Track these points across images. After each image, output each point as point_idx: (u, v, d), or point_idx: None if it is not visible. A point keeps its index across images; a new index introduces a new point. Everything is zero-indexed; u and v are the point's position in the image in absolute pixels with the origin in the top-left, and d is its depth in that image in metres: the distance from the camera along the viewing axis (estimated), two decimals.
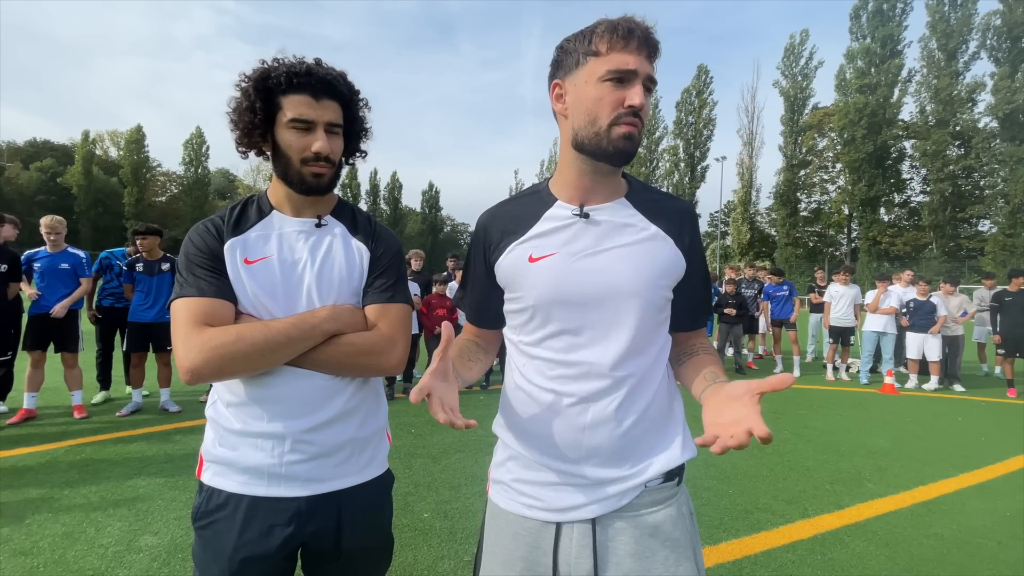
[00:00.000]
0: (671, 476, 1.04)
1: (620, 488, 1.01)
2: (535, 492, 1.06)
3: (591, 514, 1.01)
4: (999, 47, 28.60)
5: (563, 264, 1.03)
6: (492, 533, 1.12)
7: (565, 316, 1.03)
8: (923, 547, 2.94)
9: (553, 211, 1.08)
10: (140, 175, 48.00)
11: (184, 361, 1.03)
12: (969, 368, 8.78)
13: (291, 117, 1.12)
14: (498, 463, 1.16)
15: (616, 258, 1.02)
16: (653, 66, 0.98)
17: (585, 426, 1.01)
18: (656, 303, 1.04)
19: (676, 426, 1.08)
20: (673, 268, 1.05)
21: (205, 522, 1.14)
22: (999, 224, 29.01)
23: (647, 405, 1.03)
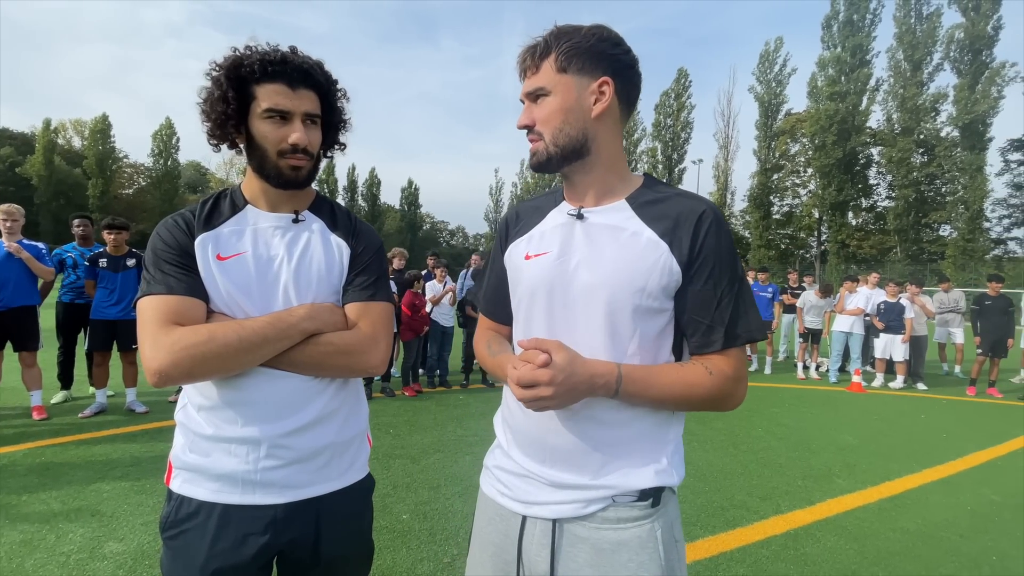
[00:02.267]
0: (645, 496, 0.98)
1: (582, 495, 0.98)
2: (507, 480, 1.08)
3: (551, 514, 1.00)
4: (961, 59, 29.78)
5: (550, 263, 1.04)
6: (477, 514, 1.17)
7: (544, 314, 1.04)
8: (890, 541, 3.03)
9: (556, 211, 1.10)
10: (105, 166, 46.33)
11: (151, 362, 0.98)
12: (930, 368, 9.11)
13: (266, 107, 1.07)
14: (490, 449, 1.19)
15: (598, 261, 1.00)
16: (538, 74, 1.00)
17: (549, 427, 1.00)
18: (633, 310, 0.96)
19: (660, 448, 1.01)
20: (661, 274, 0.96)
21: (174, 532, 1.09)
22: (959, 229, 30.25)
23: (626, 419, 0.98)
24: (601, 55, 0.98)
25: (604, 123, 1.01)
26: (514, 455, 1.07)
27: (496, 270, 1.21)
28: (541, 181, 61.89)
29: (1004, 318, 7.88)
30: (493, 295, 1.22)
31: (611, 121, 1.02)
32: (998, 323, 7.87)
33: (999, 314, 7.91)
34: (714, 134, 45.45)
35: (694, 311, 0.98)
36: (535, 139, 1.02)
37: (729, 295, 0.97)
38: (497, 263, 1.21)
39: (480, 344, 1.22)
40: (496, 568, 1.08)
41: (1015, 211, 33.43)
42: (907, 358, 8.22)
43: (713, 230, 0.97)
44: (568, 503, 0.99)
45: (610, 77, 0.98)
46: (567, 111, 0.99)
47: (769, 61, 39.43)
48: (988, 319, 7.94)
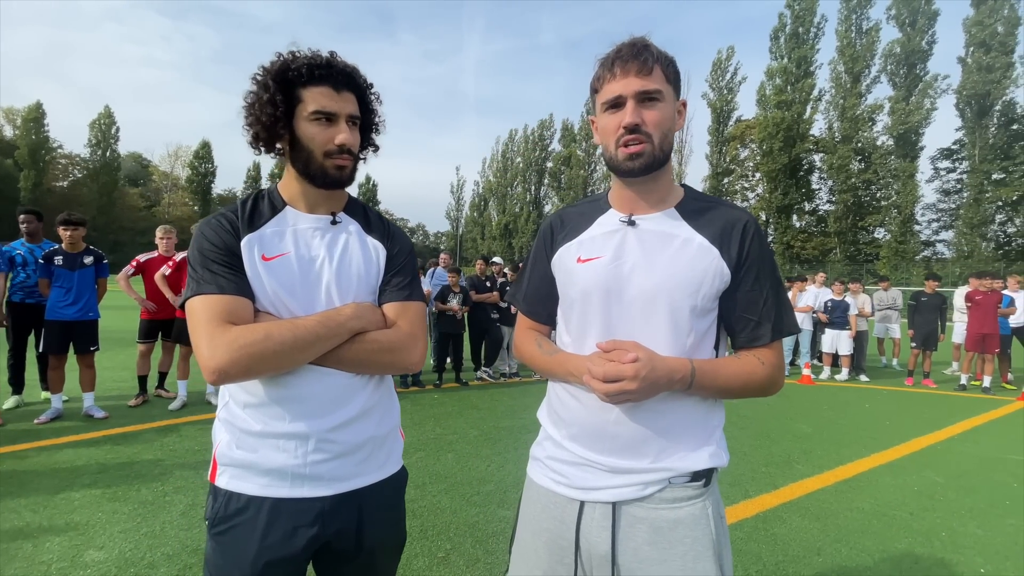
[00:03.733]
0: (698, 476, 1.06)
1: (641, 479, 1.05)
2: (563, 469, 1.14)
3: (611, 497, 1.07)
4: (897, 72, 31.85)
5: (606, 267, 1.11)
6: (526, 504, 1.21)
7: (602, 315, 1.11)
8: (848, 519, 3.30)
9: (605, 218, 1.18)
10: (39, 157, 43.33)
11: (210, 361, 1.00)
12: (870, 361, 9.79)
13: (314, 109, 1.11)
14: (538, 443, 1.25)
15: (656, 264, 1.07)
16: (652, 76, 1.03)
17: (610, 420, 1.07)
18: (691, 310, 1.05)
19: (709, 434, 1.10)
20: (715, 277, 1.06)
21: (224, 527, 1.11)
22: (892, 232, 32.42)
23: (679, 409, 1.06)
24: (679, 77, 1.10)
25: (673, 140, 1.10)
26: (569, 446, 1.13)
27: (540, 273, 1.28)
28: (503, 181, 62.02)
29: (936, 314, 8.58)
30: (535, 296, 1.30)
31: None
32: (930, 318, 8.56)
33: (932, 310, 8.61)
34: None
35: (744, 310, 1.09)
36: (642, 140, 1.04)
37: (773, 295, 1.09)
38: (540, 266, 1.27)
39: (528, 343, 1.28)
40: (551, 554, 1.13)
41: (943, 215, 36.25)
42: (852, 352, 8.82)
43: (757, 237, 1.09)
44: (627, 486, 1.06)
45: (685, 100, 1.13)
46: (671, 120, 1.07)
47: (721, 69, 41.03)
48: (922, 314, 8.63)
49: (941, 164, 35.72)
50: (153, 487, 3.38)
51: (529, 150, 59.45)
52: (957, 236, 31.00)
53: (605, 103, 1.07)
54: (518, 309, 1.36)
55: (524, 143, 60.69)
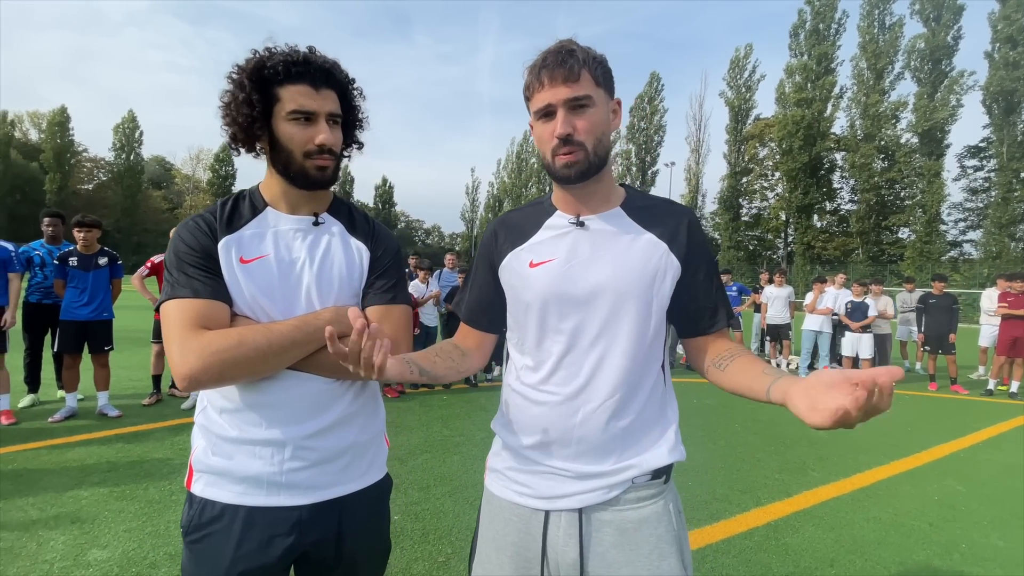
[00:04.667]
0: (658, 474, 1.07)
1: (606, 482, 1.05)
2: (526, 480, 1.11)
3: (577, 504, 1.05)
4: (921, 68, 31.00)
5: (560, 269, 1.09)
6: (486, 519, 1.18)
7: (561, 318, 1.09)
8: (865, 529, 3.18)
9: (552, 220, 1.16)
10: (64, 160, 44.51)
11: (182, 367, 0.98)
12: (893, 364, 9.51)
13: (292, 109, 1.07)
14: (494, 453, 1.22)
15: (610, 262, 1.07)
16: (579, 83, 1.00)
17: (575, 424, 1.06)
18: (651, 304, 1.07)
19: (667, 428, 1.11)
20: (667, 270, 1.08)
21: (198, 535, 1.08)
22: (917, 232, 31.53)
23: (639, 406, 1.07)
24: (611, 76, 1.08)
25: (610, 140, 1.09)
26: (532, 455, 1.10)
27: (482, 281, 1.24)
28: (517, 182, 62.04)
29: (947, 315, 8.28)
30: (477, 305, 1.27)
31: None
32: (942, 320, 8.26)
33: (942, 312, 8.31)
34: (686, 137, 46.45)
35: (702, 299, 1.13)
36: (574, 149, 1.03)
37: (720, 284, 1.16)
38: (483, 274, 1.24)
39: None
40: (517, 567, 1.10)
41: (970, 215, 35.23)
42: (873, 355, 8.57)
43: (698, 230, 1.14)
44: (594, 491, 1.05)
45: (619, 99, 1.11)
46: (604, 124, 1.06)
47: (739, 67, 40.41)
48: (932, 317, 8.35)
49: (968, 162, 34.78)
50: (161, 486, 3.41)
51: None
52: (985, 236, 30.00)
53: (537, 112, 1.06)
54: (461, 317, 1.31)
55: None
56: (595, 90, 1.03)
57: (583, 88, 1.01)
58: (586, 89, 1.02)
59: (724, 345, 1.12)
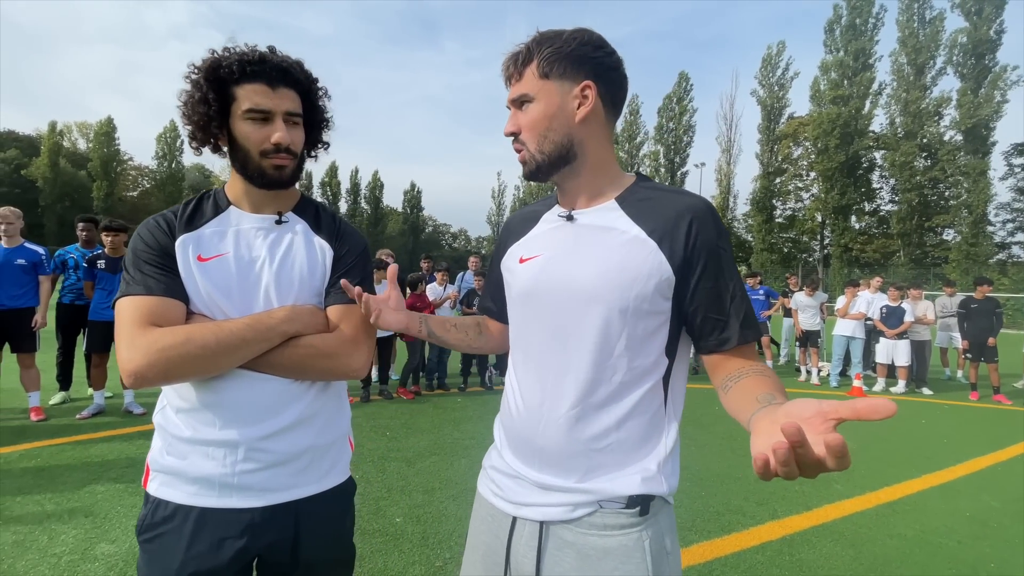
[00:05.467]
0: (633, 503, 0.95)
1: (569, 499, 0.97)
2: (499, 480, 1.09)
3: (539, 516, 1.00)
4: (964, 63, 29.58)
5: (541, 266, 1.05)
6: (473, 514, 1.19)
7: (535, 317, 1.05)
8: (887, 547, 3.00)
9: (549, 214, 1.13)
10: (110, 168, 46.64)
11: (127, 364, 0.97)
12: (932, 372, 9.05)
13: (247, 108, 1.07)
14: (489, 450, 1.21)
15: (586, 261, 0.99)
16: (522, 80, 1.01)
17: (538, 432, 1.01)
18: (625, 311, 0.94)
19: (651, 456, 0.97)
20: (650, 275, 0.93)
21: (151, 535, 1.08)
22: (962, 234, 30.03)
23: (614, 423, 0.96)
24: (582, 59, 0.97)
25: (589, 127, 1.00)
26: (506, 456, 1.09)
27: (494, 274, 1.27)
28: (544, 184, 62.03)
29: (989, 321, 7.81)
30: (489, 295, 1.32)
31: (596, 124, 1.01)
32: (984, 326, 7.80)
33: (984, 317, 7.85)
34: (716, 137, 45.49)
35: (706, 310, 0.96)
36: (520, 148, 1.04)
37: (737, 292, 0.96)
38: (495, 267, 1.26)
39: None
40: (486, 568, 1.08)
41: (1019, 215, 33.24)
42: (910, 362, 8.17)
43: (707, 226, 0.95)
44: (555, 506, 0.99)
45: (592, 80, 0.97)
46: (551, 117, 0.99)
47: (771, 65, 39.39)
48: (974, 322, 7.90)
49: (1016, 160, 32.81)
50: None
51: None
52: None
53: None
54: (478, 306, 1.38)
55: None
56: (538, 83, 0.99)
57: (523, 86, 1.00)
58: (525, 87, 1.00)
59: (736, 364, 0.95)
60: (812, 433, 0.58)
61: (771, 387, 0.86)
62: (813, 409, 0.61)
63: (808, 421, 0.61)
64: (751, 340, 0.96)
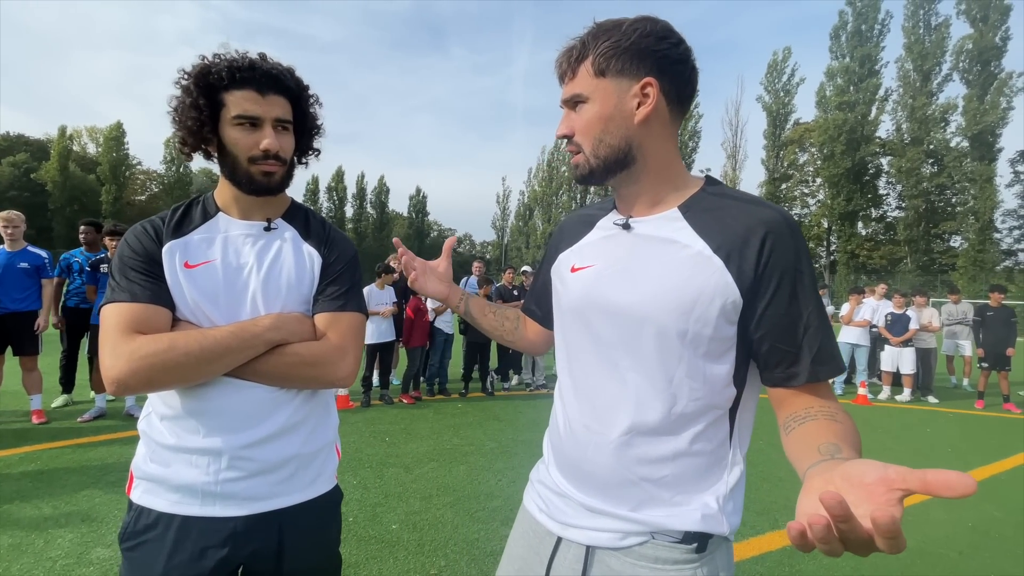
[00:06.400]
0: (690, 539, 0.88)
1: (619, 526, 0.91)
2: (546, 495, 1.05)
3: (586, 540, 0.94)
4: (970, 70, 29.50)
5: (594, 278, 0.98)
6: (515, 525, 1.14)
7: (584, 333, 0.98)
8: (887, 558, 2.95)
9: (605, 220, 1.05)
10: (119, 173, 47.01)
11: (110, 371, 0.97)
12: (938, 380, 8.96)
13: (236, 114, 1.07)
14: (537, 463, 1.17)
15: (641, 278, 0.90)
16: (575, 79, 0.94)
17: (586, 456, 0.95)
18: (681, 335, 0.85)
19: (711, 492, 0.90)
20: (714, 296, 0.84)
21: (133, 543, 1.07)
22: (970, 240, 29.83)
23: (670, 454, 0.89)
24: (643, 52, 0.88)
25: (650, 128, 0.91)
26: (552, 473, 1.04)
27: (543, 277, 1.22)
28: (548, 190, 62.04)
29: (1006, 329, 7.70)
30: (536, 299, 1.27)
31: (659, 125, 0.92)
32: (1000, 335, 7.68)
33: (1001, 325, 7.73)
34: (722, 143, 45.46)
35: (775, 338, 0.85)
36: (574, 150, 0.96)
37: (817, 318, 0.84)
38: (544, 270, 1.21)
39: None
40: None
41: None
42: (915, 370, 8.09)
43: (785, 242, 0.84)
44: (604, 531, 0.93)
45: (654, 77, 0.88)
46: (606, 119, 0.90)
47: (777, 71, 39.35)
48: (991, 330, 7.76)
49: (1021, 167, 32.62)
50: None
51: None
52: None
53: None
54: (523, 308, 1.34)
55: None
56: (593, 82, 0.91)
57: (576, 85, 0.93)
58: (579, 86, 0.92)
59: (803, 403, 0.84)
60: (869, 502, 0.51)
61: (838, 436, 0.75)
62: (876, 474, 0.53)
63: (868, 488, 0.53)
64: (824, 378, 0.84)
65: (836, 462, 0.64)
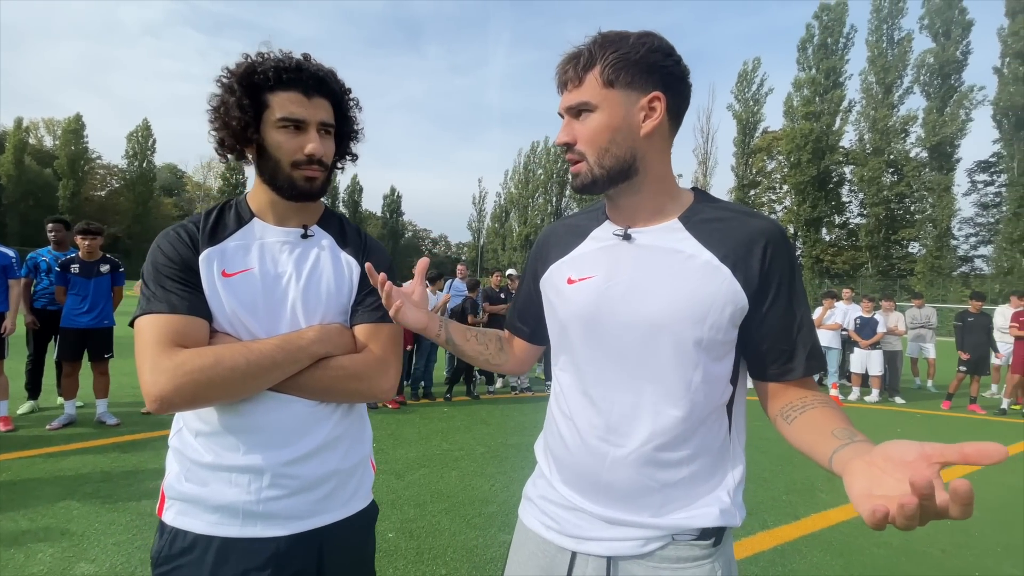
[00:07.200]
0: (707, 535, 0.92)
1: (641, 534, 0.93)
2: (555, 512, 1.02)
3: (606, 551, 0.94)
4: (930, 83, 30.93)
5: (598, 289, 0.97)
6: (514, 548, 1.10)
7: (594, 344, 0.97)
8: (875, 556, 3.07)
9: (599, 231, 1.04)
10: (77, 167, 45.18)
11: (152, 387, 0.92)
12: (903, 382, 9.34)
13: (281, 116, 1.03)
14: (532, 478, 1.13)
15: (654, 288, 0.92)
16: (581, 87, 0.92)
17: (603, 469, 0.94)
18: (697, 343, 0.89)
19: (720, 485, 0.95)
20: (725, 304, 0.89)
21: (167, 568, 1.02)
22: (928, 247, 31.24)
23: (687, 457, 0.92)
24: (652, 67, 0.90)
25: (653, 141, 0.93)
26: (559, 488, 1.01)
27: (527, 290, 1.19)
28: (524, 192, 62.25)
29: (985, 335, 8.06)
30: (519, 313, 1.24)
31: (660, 138, 0.94)
32: (980, 340, 8.02)
33: (981, 331, 8.06)
34: (693, 150, 46.37)
35: (777, 339, 0.92)
36: (576, 159, 0.94)
37: (807, 320, 0.93)
38: (528, 283, 1.18)
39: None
40: None
41: (981, 230, 34.84)
42: (883, 372, 8.42)
43: (782, 251, 0.91)
44: (625, 540, 0.93)
45: (661, 92, 0.90)
46: (614, 130, 0.91)
47: (747, 80, 40.48)
48: (973, 336, 8.05)
49: (978, 177, 34.48)
50: (154, 499, 3.33)
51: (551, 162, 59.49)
52: (996, 252, 29.66)
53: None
54: (506, 326, 1.29)
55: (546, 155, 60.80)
56: (601, 92, 0.90)
57: (583, 94, 0.92)
58: (586, 94, 0.91)
59: (799, 394, 0.92)
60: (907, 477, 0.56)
61: (844, 421, 0.82)
62: (916, 452, 0.58)
63: (912, 464, 0.57)
64: (815, 372, 0.94)
65: (862, 444, 0.72)
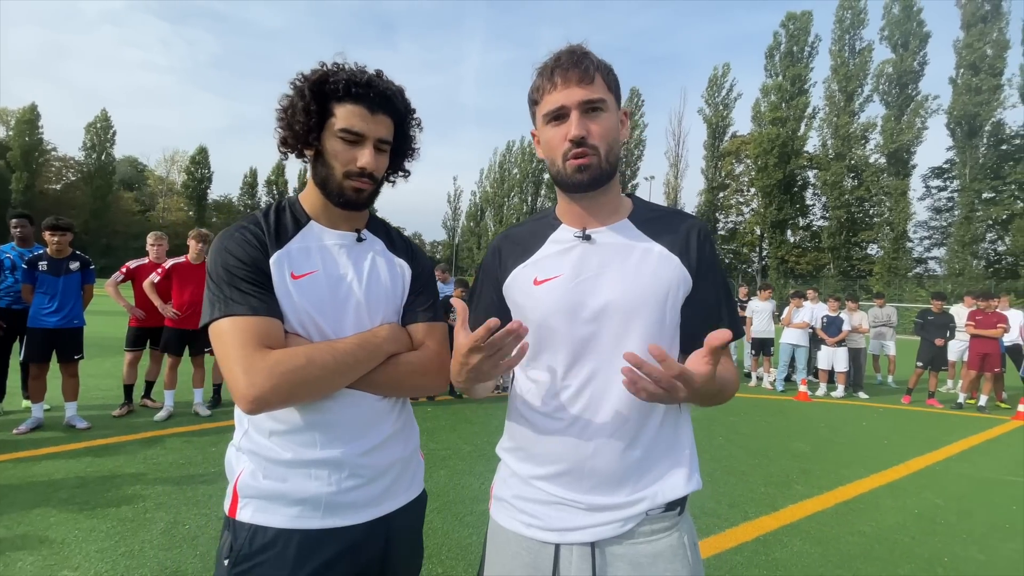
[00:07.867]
0: (672, 506, 1.01)
1: (620, 515, 0.99)
2: (533, 510, 1.05)
3: (590, 537, 0.99)
4: (889, 92, 32.39)
5: (566, 285, 1.04)
6: (492, 551, 1.11)
7: (567, 338, 1.03)
8: (850, 544, 3.22)
9: (557, 234, 1.11)
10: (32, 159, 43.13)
11: (248, 389, 0.93)
12: (866, 378, 9.77)
13: (342, 127, 1.07)
14: (501, 479, 1.16)
15: (618, 278, 1.02)
16: (594, 85, 0.98)
17: (588, 454, 1.00)
18: (661, 322, 1.01)
19: (682, 455, 1.04)
20: (679, 286, 1.03)
21: (248, 565, 1.02)
22: (885, 249, 32.70)
23: (653, 432, 1.01)
24: (619, 87, 1.07)
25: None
26: (541, 485, 1.04)
27: (487, 301, 1.18)
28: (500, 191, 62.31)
29: (943, 333, 8.52)
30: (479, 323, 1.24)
31: None
32: (939, 337, 8.46)
33: (940, 329, 8.53)
34: (665, 152, 47.46)
35: (709, 315, 1.05)
36: (588, 153, 0.99)
37: (728, 298, 1.10)
38: (488, 294, 1.18)
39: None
40: None
41: (935, 233, 36.66)
42: (848, 368, 8.79)
43: (709, 242, 1.09)
44: (607, 524, 0.99)
45: (627, 109, 1.09)
46: (615, 131, 1.03)
47: (717, 85, 41.58)
48: (931, 333, 8.54)
49: (933, 183, 36.28)
50: (134, 504, 3.26)
51: (526, 162, 59.77)
52: (949, 254, 31.29)
53: (547, 115, 1.02)
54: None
55: (521, 155, 61.01)
56: (608, 95, 1.01)
57: (598, 91, 0.99)
58: (600, 92, 0.99)
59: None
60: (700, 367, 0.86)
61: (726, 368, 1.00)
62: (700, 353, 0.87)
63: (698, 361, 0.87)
64: (737, 337, 1.00)
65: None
